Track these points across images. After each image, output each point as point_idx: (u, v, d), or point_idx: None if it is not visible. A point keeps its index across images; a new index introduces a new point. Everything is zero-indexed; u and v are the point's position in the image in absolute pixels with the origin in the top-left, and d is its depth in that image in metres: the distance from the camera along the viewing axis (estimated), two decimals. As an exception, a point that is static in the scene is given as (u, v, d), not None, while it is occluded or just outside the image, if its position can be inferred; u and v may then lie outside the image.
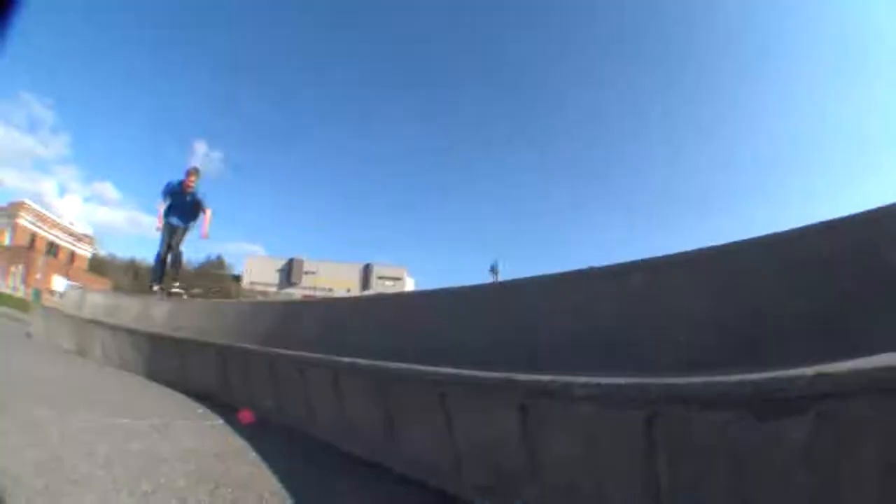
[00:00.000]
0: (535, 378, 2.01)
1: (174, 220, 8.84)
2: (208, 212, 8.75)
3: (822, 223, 2.23)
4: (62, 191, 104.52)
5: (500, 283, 4.71)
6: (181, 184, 8.64)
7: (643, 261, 2.89)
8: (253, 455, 2.77)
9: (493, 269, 25.69)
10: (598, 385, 1.78)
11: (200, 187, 8.91)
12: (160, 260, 9.10)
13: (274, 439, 3.26)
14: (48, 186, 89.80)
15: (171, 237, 8.85)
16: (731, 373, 1.50)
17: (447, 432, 2.37)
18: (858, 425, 1.24)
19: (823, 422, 1.28)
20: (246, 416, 3.77)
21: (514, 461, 2.11)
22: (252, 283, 50.53)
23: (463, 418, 2.34)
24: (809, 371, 1.28)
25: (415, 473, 2.55)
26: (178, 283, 9.20)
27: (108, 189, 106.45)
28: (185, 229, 9.02)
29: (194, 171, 8.79)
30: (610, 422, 1.77)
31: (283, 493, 2.26)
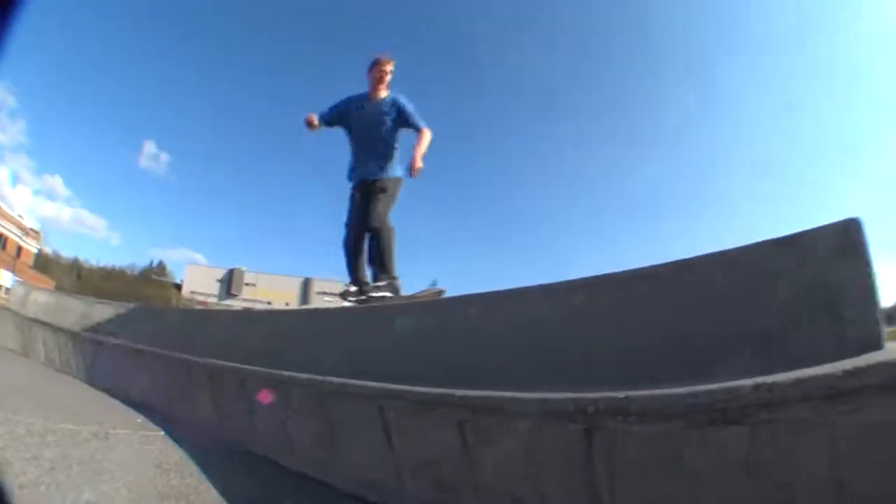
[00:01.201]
0: (470, 394, 2.03)
1: (360, 169, 4.96)
2: (425, 133, 4.76)
3: (774, 239, 2.31)
4: (15, 180, 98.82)
5: (443, 299, 4.62)
6: (363, 96, 4.96)
7: (585, 279, 2.96)
8: (194, 467, 2.74)
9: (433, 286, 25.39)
10: (534, 400, 1.81)
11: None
12: (349, 246, 4.99)
13: (215, 452, 3.21)
14: (2, 174, 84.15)
15: (364, 201, 4.85)
16: (674, 387, 1.54)
17: (388, 448, 2.38)
18: (798, 431, 1.31)
19: (763, 430, 1.34)
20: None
21: (455, 475, 2.12)
22: (192, 292, 48.52)
23: (403, 434, 2.35)
24: (749, 382, 1.35)
25: (358, 490, 2.54)
26: (381, 284, 4.75)
27: (58, 183, 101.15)
28: (385, 185, 4.83)
29: (387, 60, 4.89)
30: (548, 436, 1.79)
31: (225, 506, 2.26)
